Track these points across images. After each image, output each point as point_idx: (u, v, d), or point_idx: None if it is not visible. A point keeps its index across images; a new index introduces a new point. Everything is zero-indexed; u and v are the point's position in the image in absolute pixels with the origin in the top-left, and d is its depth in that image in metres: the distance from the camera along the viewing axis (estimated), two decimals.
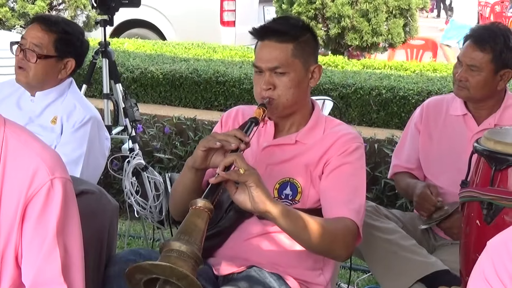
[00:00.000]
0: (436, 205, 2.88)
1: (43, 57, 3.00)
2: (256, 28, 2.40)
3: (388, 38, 7.69)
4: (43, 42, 3.01)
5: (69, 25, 3.12)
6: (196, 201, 2.00)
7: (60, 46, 3.03)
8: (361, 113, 5.22)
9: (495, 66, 2.88)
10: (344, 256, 2.32)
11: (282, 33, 2.34)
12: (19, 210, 1.73)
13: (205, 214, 1.98)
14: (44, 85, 3.08)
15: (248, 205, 2.09)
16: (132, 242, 4.41)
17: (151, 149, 5.02)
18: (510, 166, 2.31)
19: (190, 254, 1.86)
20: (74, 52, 3.08)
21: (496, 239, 1.56)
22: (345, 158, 2.34)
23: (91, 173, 3.07)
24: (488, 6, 17.34)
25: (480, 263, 1.54)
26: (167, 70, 5.79)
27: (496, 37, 2.88)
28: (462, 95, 2.97)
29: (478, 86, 2.90)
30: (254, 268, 2.29)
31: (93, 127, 3.07)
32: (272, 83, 2.33)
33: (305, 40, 2.37)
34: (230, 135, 2.18)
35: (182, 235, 1.91)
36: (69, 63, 3.08)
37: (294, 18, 2.56)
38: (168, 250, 1.87)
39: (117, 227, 2.49)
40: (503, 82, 2.93)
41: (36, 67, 3.01)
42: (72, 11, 8.15)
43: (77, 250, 1.81)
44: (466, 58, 2.91)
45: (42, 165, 1.74)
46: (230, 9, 9.57)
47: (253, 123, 2.24)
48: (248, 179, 2.06)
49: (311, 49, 2.41)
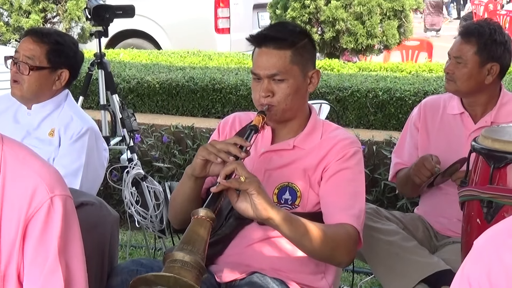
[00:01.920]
0: (434, 170, 2.88)
1: (35, 68, 2.99)
2: (254, 35, 2.39)
3: (383, 40, 7.71)
4: (35, 53, 3.00)
5: (61, 36, 3.11)
6: (198, 211, 2.01)
7: (53, 57, 3.02)
8: (359, 115, 5.22)
9: (480, 59, 2.90)
10: (346, 263, 2.32)
11: (280, 40, 2.33)
12: (19, 230, 1.72)
13: (208, 224, 1.98)
14: (39, 97, 3.07)
15: (250, 213, 2.09)
16: (134, 252, 4.41)
17: (150, 158, 5.01)
18: (509, 163, 2.31)
19: (194, 264, 1.87)
20: (67, 62, 3.07)
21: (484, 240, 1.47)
22: (343, 164, 2.33)
23: (91, 184, 3.06)
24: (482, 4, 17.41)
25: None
26: (163, 79, 5.80)
27: (482, 30, 2.92)
28: (450, 88, 2.99)
29: (463, 78, 2.92)
30: (256, 274, 2.28)
31: (90, 138, 3.06)
32: (271, 90, 2.32)
33: (303, 46, 2.36)
34: (230, 143, 2.18)
35: (185, 245, 1.91)
36: (63, 74, 3.06)
37: (292, 24, 2.55)
38: (172, 261, 1.88)
39: (118, 238, 2.49)
40: (491, 77, 2.94)
41: (29, 79, 3.00)
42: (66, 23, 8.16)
43: (80, 267, 1.80)
44: (454, 52, 2.96)
45: (42, 183, 1.73)
46: (224, 16, 9.58)
47: (252, 131, 2.24)
48: (249, 187, 2.06)
49: (309, 55, 2.40)
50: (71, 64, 3.09)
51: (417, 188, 3.05)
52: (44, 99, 3.08)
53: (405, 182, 3.06)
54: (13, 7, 8.22)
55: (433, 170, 2.88)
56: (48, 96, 3.09)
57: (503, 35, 2.96)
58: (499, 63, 2.93)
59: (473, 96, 3.00)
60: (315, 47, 2.49)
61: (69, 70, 3.08)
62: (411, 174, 2.97)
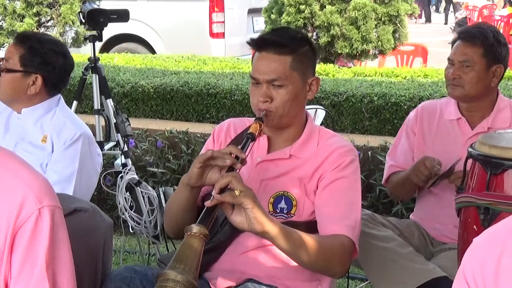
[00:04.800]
0: (433, 169, 2.86)
1: (6, 70, 2.96)
2: (254, 38, 2.37)
3: (378, 45, 7.71)
4: (11, 55, 2.97)
5: (41, 42, 3.01)
6: (191, 227, 1.98)
7: (26, 61, 2.96)
8: (354, 121, 5.21)
9: (487, 61, 2.90)
10: (340, 274, 2.31)
11: (281, 45, 2.31)
12: (7, 241, 1.69)
13: (201, 240, 1.96)
14: (16, 101, 3.02)
15: (245, 226, 2.06)
16: (127, 257, 4.39)
17: (144, 163, 4.99)
18: (506, 170, 2.30)
19: (185, 284, 1.86)
20: (42, 68, 2.97)
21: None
22: (339, 173, 2.31)
23: (84, 190, 3.04)
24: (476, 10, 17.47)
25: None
26: (158, 83, 5.78)
27: (486, 33, 2.91)
28: (457, 94, 2.96)
29: (472, 82, 2.90)
30: (251, 281, 2.26)
31: (84, 144, 3.04)
32: (269, 96, 2.30)
33: (303, 52, 2.34)
34: (226, 153, 2.15)
35: (178, 263, 1.90)
36: (37, 80, 2.98)
37: (293, 30, 2.53)
38: (164, 280, 1.87)
39: (111, 245, 2.47)
40: (496, 79, 2.94)
41: (4, 81, 2.97)
42: (60, 27, 8.12)
43: (68, 278, 1.77)
44: (458, 56, 2.93)
45: (30, 194, 1.71)
46: (219, 21, 9.58)
47: (249, 139, 2.21)
48: (244, 201, 2.03)
49: (310, 62, 2.38)
50: (46, 70, 2.99)
51: (414, 189, 3.04)
52: (24, 103, 3.03)
53: (402, 184, 3.04)
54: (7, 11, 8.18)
55: (432, 169, 2.86)
56: (26, 101, 3.02)
57: (503, 36, 2.97)
58: (503, 65, 2.93)
59: (478, 101, 2.98)
60: (316, 54, 2.47)
61: (43, 76, 2.98)
62: (409, 173, 2.95)
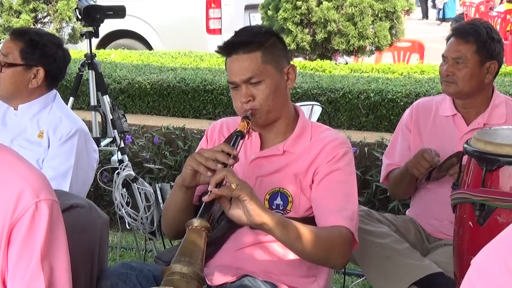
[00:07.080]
0: (433, 161, 2.87)
1: (7, 65, 2.96)
2: (221, 46, 2.40)
3: (374, 41, 7.70)
4: (10, 50, 2.98)
5: (39, 35, 3.05)
6: (192, 221, 2.00)
7: (27, 54, 2.98)
8: (350, 117, 5.21)
9: (480, 57, 2.90)
10: (341, 265, 2.32)
11: (247, 43, 2.33)
12: (4, 234, 1.70)
13: (203, 233, 1.98)
14: (17, 97, 3.03)
15: (243, 219, 2.08)
16: (124, 253, 4.39)
17: (141, 160, 4.99)
18: (501, 166, 2.31)
19: (192, 275, 1.86)
20: (43, 61, 3.01)
21: None
22: (334, 165, 2.32)
23: (80, 186, 3.04)
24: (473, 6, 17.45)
25: None
26: (155, 80, 5.77)
27: (479, 29, 2.92)
28: (451, 91, 2.97)
29: (465, 78, 2.91)
30: (247, 277, 2.27)
31: (80, 140, 3.04)
32: (250, 95, 2.32)
33: (271, 44, 2.37)
34: (217, 151, 2.17)
35: (183, 256, 1.91)
36: (39, 72, 3.01)
37: (256, 26, 2.58)
38: (170, 274, 1.87)
39: (108, 241, 2.47)
40: (490, 75, 2.95)
41: (4, 77, 2.98)
42: (57, 23, 8.12)
43: (64, 272, 1.78)
44: (451, 53, 2.94)
45: (27, 188, 1.72)
46: (216, 17, 9.57)
47: (239, 137, 2.23)
48: (241, 194, 2.05)
49: (280, 51, 2.40)
50: (47, 63, 3.03)
51: (413, 184, 3.04)
52: (24, 99, 3.04)
53: (400, 180, 3.05)
54: (4, 7, 8.18)
55: (432, 161, 2.87)
56: (26, 96, 3.04)
57: (497, 33, 2.98)
58: (497, 61, 2.93)
59: (472, 97, 2.99)
60: (285, 44, 2.50)
61: (44, 69, 3.02)
62: (409, 168, 2.95)
